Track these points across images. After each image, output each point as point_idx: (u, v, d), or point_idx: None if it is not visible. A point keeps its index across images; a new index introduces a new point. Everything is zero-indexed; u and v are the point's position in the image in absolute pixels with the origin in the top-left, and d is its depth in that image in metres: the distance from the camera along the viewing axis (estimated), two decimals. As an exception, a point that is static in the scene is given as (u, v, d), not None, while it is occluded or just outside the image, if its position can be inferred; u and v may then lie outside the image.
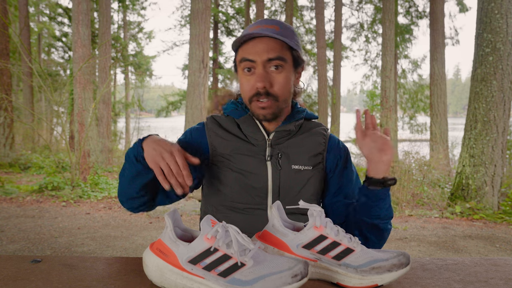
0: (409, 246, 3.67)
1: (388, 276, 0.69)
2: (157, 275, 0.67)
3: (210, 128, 1.06)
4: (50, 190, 5.63)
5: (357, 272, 0.69)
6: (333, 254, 0.70)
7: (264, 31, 0.95)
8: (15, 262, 0.79)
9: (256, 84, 0.96)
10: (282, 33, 0.96)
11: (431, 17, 9.75)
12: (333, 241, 0.71)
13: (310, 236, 0.71)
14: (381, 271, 0.69)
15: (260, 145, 1.02)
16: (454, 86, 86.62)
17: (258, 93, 0.96)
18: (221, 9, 16.75)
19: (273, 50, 0.95)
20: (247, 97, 0.99)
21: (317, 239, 0.71)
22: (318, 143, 1.06)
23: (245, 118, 1.03)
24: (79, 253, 3.32)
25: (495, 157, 4.75)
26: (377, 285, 0.69)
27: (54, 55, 17.30)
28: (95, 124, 7.95)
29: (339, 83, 12.71)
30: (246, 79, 0.98)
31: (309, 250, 0.71)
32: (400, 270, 0.69)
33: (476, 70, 4.85)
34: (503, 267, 0.81)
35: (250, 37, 0.95)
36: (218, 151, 1.03)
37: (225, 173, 1.01)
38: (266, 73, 0.96)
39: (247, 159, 1.01)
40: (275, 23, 0.98)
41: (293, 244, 0.71)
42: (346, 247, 0.71)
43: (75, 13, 6.63)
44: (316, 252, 0.71)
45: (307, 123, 1.10)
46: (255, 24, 0.99)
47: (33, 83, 9.19)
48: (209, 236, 0.65)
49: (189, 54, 6.61)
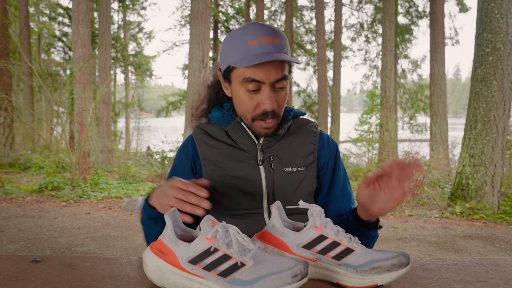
0: (409, 246, 3.67)
1: (388, 276, 0.69)
2: (157, 275, 0.67)
3: (199, 139, 1.06)
4: (50, 190, 5.63)
5: (357, 272, 0.69)
6: (333, 254, 0.70)
7: (269, 48, 0.92)
8: (15, 262, 0.79)
9: (264, 106, 0.95)
10: (281, 45, 0.94)
11: (431, 17, 9.76)
12: (333, 241, 0.71)
13: (310, 236, 0.71)
14: (381, 271, 0.69)
15: (251, 150, 1.02)
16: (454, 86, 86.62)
17: (265, 114, 0.96)
18: (221, 9, 16.76)
19: (280, 70, 0.94)
20: (250, 116, 0.98)
21: (317, 239, 0.71)
22: (309, 143, 1.06)
23: (234, 125, 1.03)
24: (79, 253, 3.32)
25: (495, 157, 4.75)
26: (377, 285, 0.69)
27: (54, 55, 17.31)
28: (95, 124, 7.95)
29: (339, 83, 12.72)
30: (249, 97, 0.96)
31: (309, 250, 0.71)
32: (400, 270, 0.69)
33: (476, 70, 4.85)
34: (503, 267, 0.81)
35: (262, 60, 0.90)
36: (210, 159, 1.03)
37: (218, 181, 1.01)
38: (273, 94, 0.95)
39: (239, 165, 1.01)
40: (272, 34, 0.94)
41: (293, 244, 0.71)
42: (346, 247, 0.71)
43: (75, 13, 6.64)
44: (316, 252, 0.71)
45: (295, 121, 1.10)
46: (252, 34, 0.93)
47: (33, 83, 9.20)
48: (209, 236, 0.65)
49: (189, 54, 6.62)
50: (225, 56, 0.99)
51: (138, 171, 7.95)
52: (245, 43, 0.93)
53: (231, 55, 0.96)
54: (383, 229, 4.26)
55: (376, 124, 10.43)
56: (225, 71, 1.00)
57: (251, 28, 0.94)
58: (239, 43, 0.94)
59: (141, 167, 9.09)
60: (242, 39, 0.94)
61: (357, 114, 12.49)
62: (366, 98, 11.20)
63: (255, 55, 0.91)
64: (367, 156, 10.20)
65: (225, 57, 0.99)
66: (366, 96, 11.15)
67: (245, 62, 0.91)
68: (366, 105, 11.22)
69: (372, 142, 10.38)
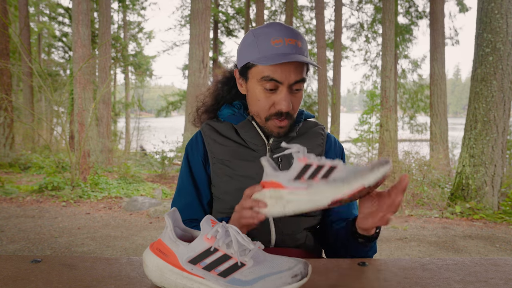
0: (409, 246, 3.67)
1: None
2: (157, 275, 0.67)
3: (207, 135, 1.05)
4: (50, 190, 5.63)
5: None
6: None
7: (291, 49, 0.91)
8: (15, 262, 0.79)
9: (280, 106, 0.94)
10: (303, 48, 0.94)
11: (431, 17, 9.76)
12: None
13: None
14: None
15: (260, 150, 1.02)
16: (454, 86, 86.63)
17: (280, 114, 0.96)
18: (221, 9, 16.76)
19: (300, 72, 0.94)
20: (265, 115, 0.98)
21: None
22: (317, 145, 1.06)
23: (244, 124, 1.02)
24: (79, 253, 3.32)
25: (495, 157, 4.75)
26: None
27: (54, 55, 17.32)
28: (95, 124, 7.95)
29: (339, 83, 12.73)
30: (266, 96, 0.96)
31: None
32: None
33: (476, 70, 4.85)
34: (503, 267, 0.81)
35: (285, 60, 0.89)
36: (218, 157, 1.02)
37: (225, 180, 1.00)
38: (290, 95, 0.95)
39: (247, 165, 1.00)
40: (295, 36, 0.93)
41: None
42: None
43: (75, 13, 6.64)
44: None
45: (304, 123, 1.10)
46: (275, 34, 0.92)
47: (33, 83, 9.20)
48: (209, 236, 0.65)
49: (189, 54, 6.62)
50: (244, 53, 0.97)
51: (138, 171, 7.95)
52: (268, 42, 0.92)
53: (252, 52, 0.95)
54: (383, 229, 4.27)
55: (376, 124, 10.43)
56: (243, 67, 0.99)
57: (275, 28, 0.93)
58: (261, 41, 0.93)
59: (141, 167, 9.10)
60: (265, 37, 0.93)
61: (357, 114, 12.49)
62: (366, 98, 11.20)
63: (277, 55, 0.90)
64: (367, 156, 10.19)
65: (244, 54, 0.97)
66: (366, 96, 11.14)
67: (267, 60, 0.90)
68: (366, 105, 11.22)
69: (372, 142, 10.38)
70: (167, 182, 7.44)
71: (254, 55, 0.94)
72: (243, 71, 1.00)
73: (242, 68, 0.99)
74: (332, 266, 0.80)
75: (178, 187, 1.06)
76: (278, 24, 0.94)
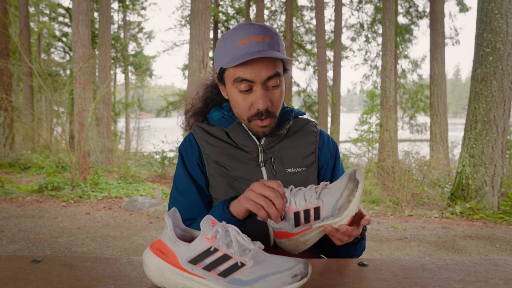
0: (409, 246, 3.67)
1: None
2: (157, 275, 0.67)
3: (200, 137, 1.05)
4: (50, 190, 5.63)
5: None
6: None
7: (258, 46, 0.90)
8: (15, 262, 0.79)
9: (257, 105, 0.94)
10: (273, 43, 0.93)
11: (431, 17, 9.76)
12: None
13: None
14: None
15: (253, 151, 1.01)
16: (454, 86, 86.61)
17: (259, 113, 0.95)
18: (221, 9, 16.76)
19: (271, 68, 0.92)
20: (246, 116, 0.98)
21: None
22: (310, 143, 1.06)
23: (234, 126, 1.02)
24: (79, 253, 3.32)
25: (495, 157, 4.75)
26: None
27: (54, 55, 17.31)
28: (95, 124, 7.95)
29: (339, 83, 12.72)
30: (242, 97, 0.95)
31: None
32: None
33: (476, 70, 4.85)
34: (503, 267, 0.81)
35: (248, 58, 0.88)
36: (212, 158, 1.02)
37: (219, 182, 1.00)
38: (266, 92, 0.94)
39: (240, 166, 1.00)
40: (262, 32, 0.92)
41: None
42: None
43: (75, 13, 6.64)
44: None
45: (295, 121, 1.09)
46: (241, 34, 0.92)
47: (33, 83, 9.20)
48: (209, 236, 0.65)
49: (189, 54, 6.61)
50: (217, 59, 0.98)
51: (138, 171, 7.95)
52: (235, 43, 0.92)
53: (222, 56, 0.95)
54: (383, 229, 4.27)
55: (376, 124, 10.42)
56: (219, 73, 0.99)
57: (240, 29, 0.93)
58: (229, 43, 0.93)
59: (141, 167, 9.10)
60: (232, 39, 0.93)
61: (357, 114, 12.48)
62: (366, 98, 11.19)
63: (243, 54, 0.90)
64: (367, 156, 10.19)
65: (217, 60, 0.98)
66: (366, 96, 11.13)
67: (234, 61, 0.90)
68: (366, 105, 11.21)
69: (372, 142, 10.37)
70: (167, 182, 7.44)
71: (224, 59, 0.94)
72: (220, 77, 1.00)
73: (218, 73, 1.00)
74: (332, 266, 0.80)
75: (181, 189, 1.04)
76: (245, 24, 0.94)
